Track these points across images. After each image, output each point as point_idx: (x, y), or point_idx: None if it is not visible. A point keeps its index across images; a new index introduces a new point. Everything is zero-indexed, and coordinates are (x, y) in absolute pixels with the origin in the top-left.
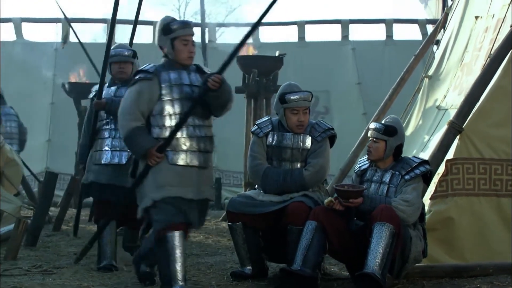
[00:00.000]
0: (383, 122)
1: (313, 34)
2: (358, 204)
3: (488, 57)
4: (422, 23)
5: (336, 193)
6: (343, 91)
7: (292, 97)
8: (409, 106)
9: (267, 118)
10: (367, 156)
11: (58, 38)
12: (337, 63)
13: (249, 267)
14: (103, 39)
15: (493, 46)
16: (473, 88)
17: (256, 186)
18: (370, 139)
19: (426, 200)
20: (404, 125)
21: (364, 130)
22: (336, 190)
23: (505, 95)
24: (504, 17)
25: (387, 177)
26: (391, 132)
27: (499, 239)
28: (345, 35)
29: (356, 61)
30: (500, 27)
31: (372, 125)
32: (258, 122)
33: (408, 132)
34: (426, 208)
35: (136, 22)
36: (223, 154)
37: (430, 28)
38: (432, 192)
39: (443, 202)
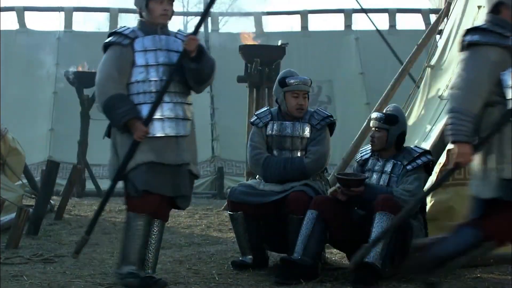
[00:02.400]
0: (384, 111)
1: (316, 23)
2: (359, 192)
3: None
4: (425, 13)
5: (338, 181)
6: (346, 81)
7: (292, 81)
8: (411, 96)
9: (266, 109)
10: (370, 146)
11: (61, 27)
12: (340, 53)
13: (250, 257)
14: (106, 28)
15: None
16: None
17: (257, 176)
18: (372, 129)
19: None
20: (406, 114)
21: (366, 120)
22: (337, 178)
23: None
24: None
25: (388, 167)
26: (392, 121)
27: None
28: (348, 24)
29: (359, 50)
30: None
31: (374, 114)
32: (257, 112)
33: (410, 122)
34: (428, 197)
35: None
36: (225, 143)
37: (433, 17)
38: (433, 182)
39: (444, 192)
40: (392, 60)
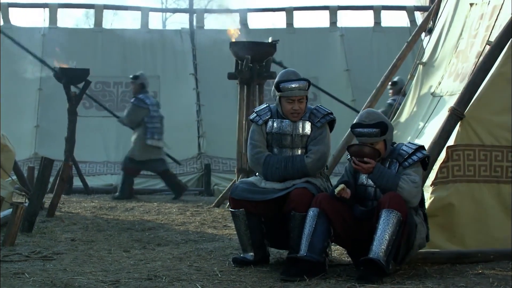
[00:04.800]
0: (365, 121)
1: (302, 20)
2: (370, 167)
3: (486, 43)
4: (410, 10)
5: (351, 150)
6: (332, 78)
7: (287, 86)
8: (402, 92)
9: (265, 106)
10: None
11: (46, 24)
12: (326, 50)
13: (251, 253)
14: (85, 24)
15: (491, 33)
16: (474, 75)
17: (257, 173)
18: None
19: (427, 186)
20: (398, 112)
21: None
22: (351, 146)
23: (506, 82)
24: (502, 4)
25: (385, 165)
26: (385, 129)
27: (499, 226)
28: (333, 21)
29: (344, 47)
30: (498, 14)
31: (365, 131)
32: (256, 109)
33: (403, 119)
34: (428, 194)
35: None
36: (212, 140)
37: (418, 15)
38: (433, 179)
39: (444, 189)
40: (377, 57)
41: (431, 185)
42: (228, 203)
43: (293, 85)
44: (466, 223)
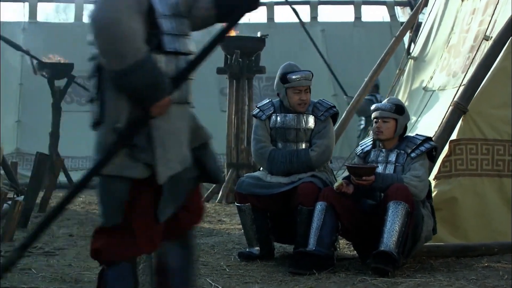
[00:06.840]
0: (387, 102)
1: (282, 15)
2: (370, 181)
3: (483, 39)
4: (390, 5)
5: (348, 171)
6: (313, 73)
7: (293, 77)
8: (393, 87)
9: (268, 101)
10: (372, 137)
11: (26, 18)
12: (306, 45)
13: (257, 248)
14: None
15: (487, 28)
16: (477, 71)
17: (261, 168)
18: (376, 120)
19: (430, 180)
20: None
21: (345, 112)
22: (348, 168)
23: (507, 77)
24: (498, 0)
25: (392, 157)
26: (401, 111)
27: (501, 219)
28: (314, 16)
29: (325, 42)
30: (495, 9)
31: (380, 105)
32: (259, 105)
33: None
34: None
35: None
36: None
37: (398, 10)
38: (436, 173)
39: (447, 183)
40: (357, 52)
41: (434, 179)
42: (219, 197)
43: (299, 76)
44: (469, 217)
